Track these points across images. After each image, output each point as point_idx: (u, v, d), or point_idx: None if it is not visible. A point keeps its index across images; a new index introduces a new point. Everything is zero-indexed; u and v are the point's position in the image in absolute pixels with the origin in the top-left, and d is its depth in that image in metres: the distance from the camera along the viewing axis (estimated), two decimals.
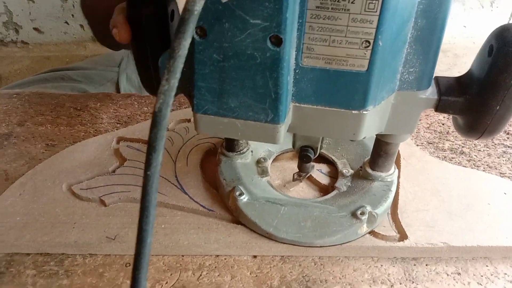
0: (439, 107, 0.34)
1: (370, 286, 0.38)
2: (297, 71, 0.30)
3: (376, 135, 0.39)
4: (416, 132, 0.56)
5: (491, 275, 0.39)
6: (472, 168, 0.49)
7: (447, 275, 0.39)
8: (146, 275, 0.24)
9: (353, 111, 0.31)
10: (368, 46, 0.28)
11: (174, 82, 0.22)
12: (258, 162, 0.46)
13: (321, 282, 0.38)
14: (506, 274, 0.39)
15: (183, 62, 0.23)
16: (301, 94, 0.31)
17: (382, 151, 0.41)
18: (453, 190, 0.45)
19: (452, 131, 0.55)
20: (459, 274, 0.39)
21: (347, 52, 0.29)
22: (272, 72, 0.29)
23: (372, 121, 0.33)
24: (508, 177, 0.48)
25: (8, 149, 0.52)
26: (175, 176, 0.46)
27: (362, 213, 0.39)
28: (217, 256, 0.40)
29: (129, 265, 0.39)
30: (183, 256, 0.40)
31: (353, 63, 0.29)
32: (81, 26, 1.77)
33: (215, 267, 0.39)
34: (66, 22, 1.75)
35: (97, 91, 0.75)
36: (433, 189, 0.45)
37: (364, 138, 0.34)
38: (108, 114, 0.57)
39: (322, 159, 0.48)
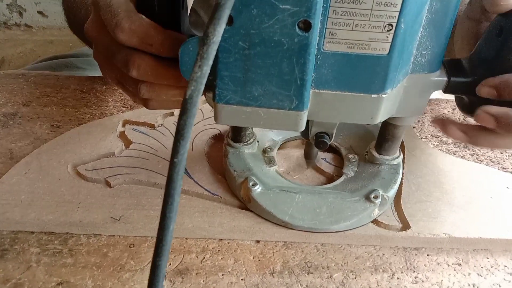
0: (448, 88, 0.35)
1: (372, 274, 0.38)
2: (318, 56, 0.30)
3: None
4: (421, 125, 0.56)
5: (491, 267, 0.39)
6: (475, 162, 0.50)
7: (448, 265, 0.39)
8: (166, 262, 0.24)
9: (373, 95, 0.32)
10: (390, 30, 0.28)
11: (207, 69, 0.22)
12: (264, 151, 0.46)
13: (323, 268, 0.38)
14: (506, 266, 0.39)
15: (216, 49, 0.23)
16: (321, 80, 0.31)
17: (389, 135, 0.42)
18: (456, 183, 0.45)
19: None
20: (459, 265, 0.39)
21: (370, 36, 0.29)
22: (299, 58, 0.29)
23: (388, 105, 0.33)
24: (511, 172, 0.49)
25: (13, 128, 0.52)
26: None
27: (376, 197, 0.40)
28: (221, 239, 0.40)
29: (133, 246, 0.39)
30: (187, 238, 0.40)
31: (375, 47, 0.29)
32: None
33: (219, 250, 0.39)
34: None
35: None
36: (436, 181, 0.45)
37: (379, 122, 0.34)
38: (113, 97, 0.57)
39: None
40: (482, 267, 0.39)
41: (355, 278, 0.38)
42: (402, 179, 0.44)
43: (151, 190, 0.43)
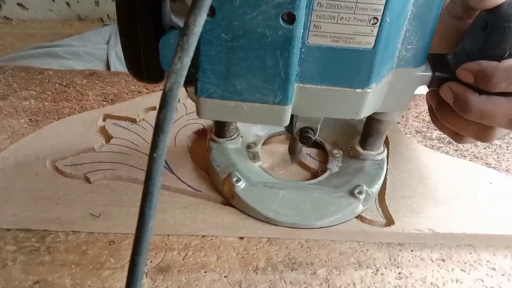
0: (433, 83, 0.35)
1: (356, 270, 0.38)
2: (302, 50, 0.29)
3: None
4: (405, 121, 0.56)
5: (475, 262, 0.39)
6: (459, 157, 0.50)
7: (432, 261, 0.39)
8: (145, 260, 0.23)
9: (357, 90, 0.31)
10: (375, 23, 0.28)
11: (187, 60, 0.22)
12: (248, 147, 0.46)
13: (307, 264, 0.38)
14: (488, 261, 0.39)
15: (197, 40, 0.22)
16: (305, 74, 0.31)
17: (373, 130, 0.41)
18: (440, 178, 0.45)
19: None
20: (443, 260, 0.39)
21: (355, 30, 0.28)
22: (283, 51, 0.28)
23: (373, 99, 0.33)
24: (494, 167, 0.49)
25: None
26: None
27: (360, 192, 0.40)
28: (204, 236, 0.40)
29: (113, 243, 0.39)
30: (168, 235, 0.40)
31: (360, 40, 0.29)
32: (67, 3, 1.73)
33: (201, 247, 0.39)
34: None
35: (86, 68, 0.74)
36: (420, 177, 0.45)
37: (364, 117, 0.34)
38: (94, 91, 0.56)
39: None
40: (465, 263, 0.39)
41: (339, 274, 0.37)
42: (386, 174, 0.44)
43: (132, 186, 0.42)
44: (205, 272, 0.37)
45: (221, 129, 0.44)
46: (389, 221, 0.40)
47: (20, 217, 0.39)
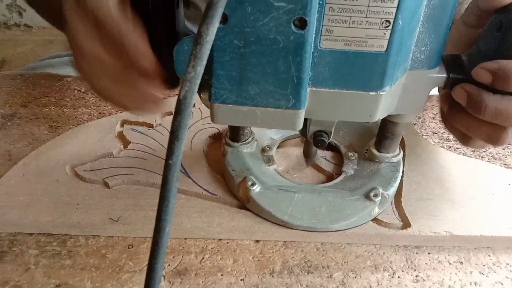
0: (448, 85, 0.34)
1: (372, 273, 0.38)
2: (315, 54, 0.30)
3: None
4: (421, 122, 0.55)
5: (493, 265, 0.39)
6: (476, 158, 0.49)
7: (449, 263, 0.39)
8: (162, 264, 0.24)
9: (371, 93, 0.31)
10: (388, 26, 0.28)
11: (200, 69, 0.22)
12: (263, 150, 0.46)
13: (323, 268, 0.38)
14: (508, 264, 0.39)
15: (210, 49, 0.22)
16: (318, 78, 0.31)
17: (389, 132, 0.41)
18: (457, 180, 0.45)
19: None
20: (461, 263, 0.39)
21: (367, 33, 0.29)
22: (295, 56, 0.29)
23: (386, 102, 0.33)
24: None
25: (12, 129, 0.52)
26: None
27: (375, 195, 0.40)
28: (220, 240, 0.40)
29: (132, 247, 0.39)
30: (186, 239, 0.40)
31: (372, 43, 0.29)
32: None
33: (218, 250, 0.39)
34: None
35: None
36: (437, 179, 0.45)
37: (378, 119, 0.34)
38: None
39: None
40: (484, 265, 0.39)
41: (355, 277, 0.37)
42: (402, 177, 0.44)
43: (149, 190, 0.43)
44: (221, 275, 0.37)
45: (236, 133, 0.45)
46: (406, 224, 0.40)
47: (42, 222, 0.40)
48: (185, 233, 0.40)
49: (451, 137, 0.52)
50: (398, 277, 0.37)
